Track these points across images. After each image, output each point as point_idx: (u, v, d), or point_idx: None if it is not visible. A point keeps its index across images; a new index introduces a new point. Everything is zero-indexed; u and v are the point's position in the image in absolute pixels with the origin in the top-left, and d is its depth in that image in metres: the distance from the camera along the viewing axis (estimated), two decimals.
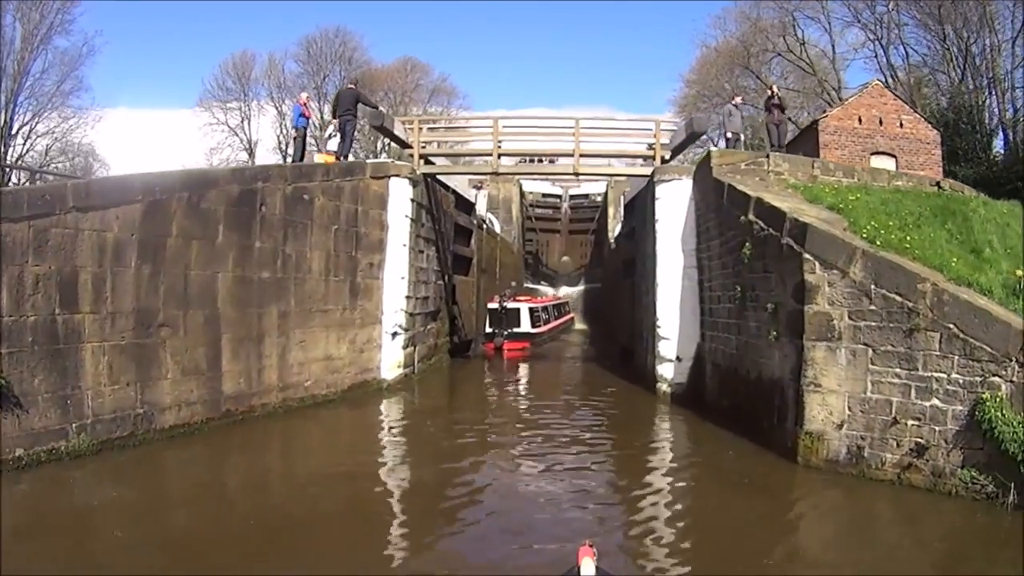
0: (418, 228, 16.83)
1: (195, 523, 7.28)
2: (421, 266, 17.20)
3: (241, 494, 8.60)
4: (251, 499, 8.22)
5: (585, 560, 4.41)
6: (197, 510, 7.71)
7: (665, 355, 14.32)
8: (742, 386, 11.45)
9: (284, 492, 8.60)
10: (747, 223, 10.99)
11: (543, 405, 14.20)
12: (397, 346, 15.75)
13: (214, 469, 9.61)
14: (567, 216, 51.20)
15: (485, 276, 27.85)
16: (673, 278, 14.32)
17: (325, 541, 6.66)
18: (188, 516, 7.52)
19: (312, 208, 13.70)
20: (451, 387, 17.33)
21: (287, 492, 8.55)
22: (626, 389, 15.89)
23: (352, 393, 14.43)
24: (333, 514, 7.61)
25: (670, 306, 14.29)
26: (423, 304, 17.47)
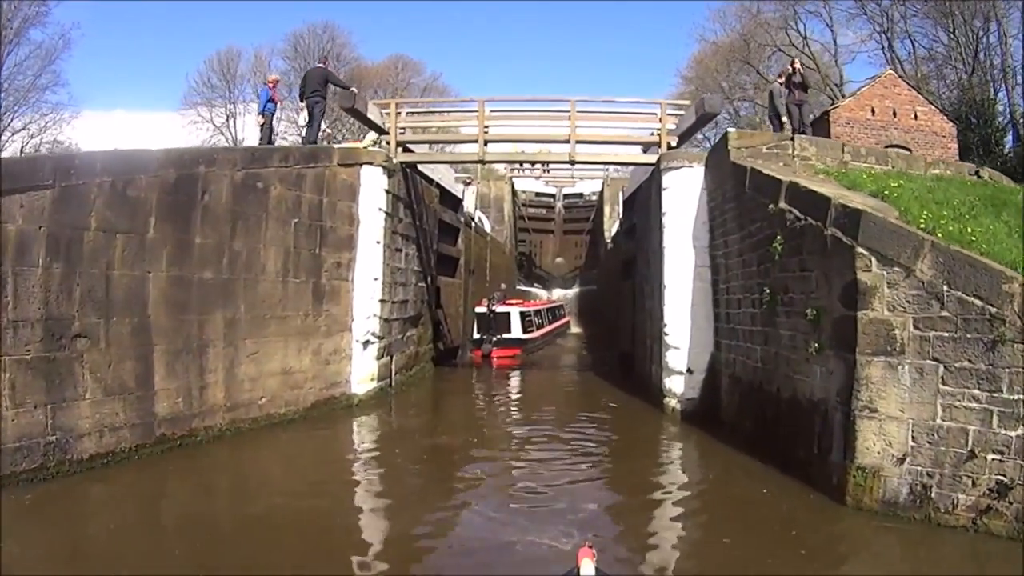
0: (394, 223, 14.97)
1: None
2: (398, 266, 15.34)
3: (169, 539, 6.89)
4: (182, 546, 6.57)
5: (585, 561, 4.35)
6: (112, 563, 6.02)
7: (674, 366, 12.50)
8: (770, 406, 9.63)
9: (222, 538, 6.87)
10: (777, 212, 9.19)
11: (535, 426, 12.34)
12: (370, 356, 13.88)
13: (141, 508, 7.74)
14: (561, 216, 49.63)
15: (474, 278, 25.99)
16: (683, 279, 12.51)
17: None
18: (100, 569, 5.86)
19: (267, 198, 11.83)
20: (433, 402, 15.44)
21: (225, 539, 6.85)
22: (628, 404, 14.04)
23: (316, 411, 12.56)
24: None
25: (679, 311, 12.47)
26: (401, 308, 15.61)
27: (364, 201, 13.84)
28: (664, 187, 12.98)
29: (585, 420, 12.77)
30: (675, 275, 12.54)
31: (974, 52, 35.98)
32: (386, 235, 14.30)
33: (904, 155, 13.63)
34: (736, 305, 11.03)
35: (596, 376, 18.56)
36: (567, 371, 21.16)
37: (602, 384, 17.01)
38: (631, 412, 13.30)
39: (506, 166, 41.73)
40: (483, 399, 15.79)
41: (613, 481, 9.07)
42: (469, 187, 27.17)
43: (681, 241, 12.59)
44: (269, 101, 15.51)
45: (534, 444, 10.93)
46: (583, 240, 47.29)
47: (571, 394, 15.91)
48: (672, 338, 12.45)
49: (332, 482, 8.95)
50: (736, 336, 11.09)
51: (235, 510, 7.92)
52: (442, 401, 15.61)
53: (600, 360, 23.07)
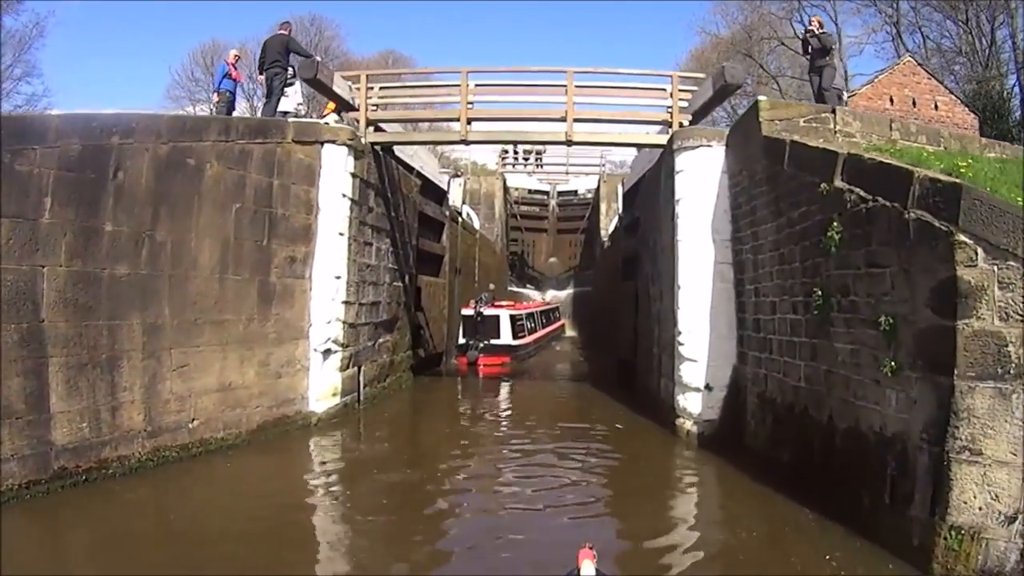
0: (363, 213, 12.97)
1: None
2: (368, 262, 13.34)
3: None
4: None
5: (585, 562, 4.32)
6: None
7: (689, 382, 10.54)
8: (818, 437, 7.68)
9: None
10: (833, 193, 7.25)
11: (524, 455, 10.32)
12: (331, 368, 11.89)
13: (19, 567, 5.78)
14: (555, 214, 47.64)
15: (461, 278, 23.96)
16: (700, 278, 10.57)
17: None
18: None
19: (201, 178, 9.82)
20: (408, 421, 13.40)
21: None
22: (634, 424, 12.06)
23: (265, 434, 10.56)
24: None
25: (697, 316, 10.52)
26: (371, 311, 13.60)
27: (325, 185, 11.85)
28: (677, 170, 11.03)
29: (584, 446, 10.79)
30: (691, 274, 10.60)
31: (989, 45, 34.62)
32: (352, 226, 12.31)
33: (956, 134, 11.79)
34: (769, 310, 9.08)
35: (594, 388, 16.58)
36: (562, 382, 19.13)
37: (601, 398, 15.04)
38: (638, 436, 11.32)
39: (498, 161, 39.83)
40: (466, 417, 13.78)
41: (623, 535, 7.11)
42: (456, 180, 25.13)
43: (698, 234, 10.65)
44: (226, 78, 13.51)
45: (522, 481, 8.94)
46: (578, 240, 45.40)
47: (567, 411, 13.93)
48: (688, 348, 10.49)
49: (274, 527, 7.00)
50: (768, 347, 9.14)
51: (146, 567, 5.96)
52: (418, 420, 13.58)
53: (597, 369, 21.08)
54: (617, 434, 11.42)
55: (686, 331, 10.49)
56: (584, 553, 4.44)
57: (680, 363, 10.63)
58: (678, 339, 10.65)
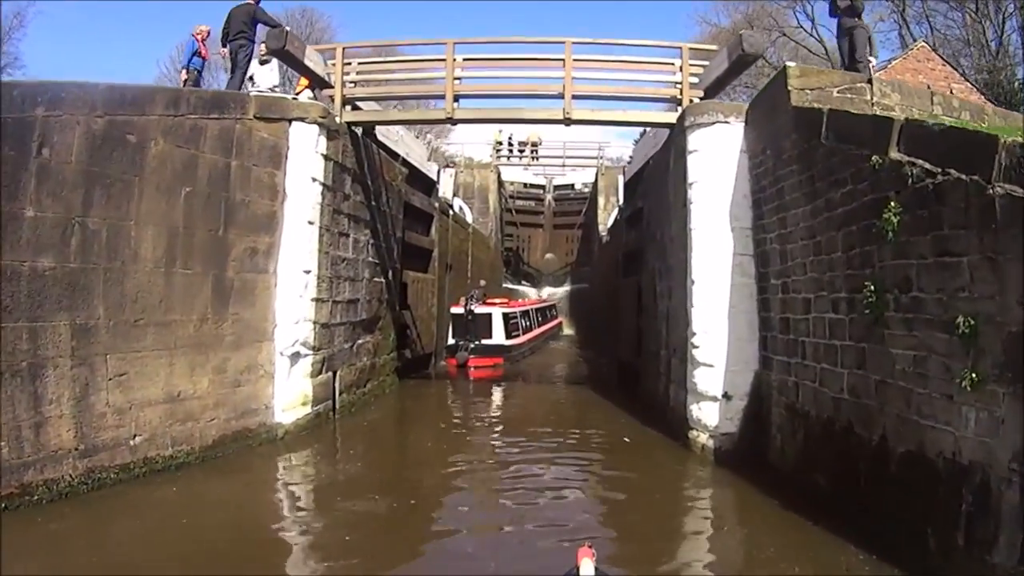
0: (337, 200, 11.74)
1: None
2: (343, 255, 12.10)
3: None
4: None
5: (584, 561, 4.21)
6: None
7: (704, 389, 9.34)
8: (865, 459, 6.48)
9: None
10: (889, 167, 6.03)
11: (517, 477, 9.08)
12: (301, 373, 10.66)
13: None
14: (551, 209, 46.51)
15: (452, 274, 22.73)
16: (716, 272, 9.36)
17: None
18: None
19: (143, 157, 8.57)
20: (389, 432, 12.15)
21: None
22: (640, 437, 10.85)
23: (223, 450, 9.33)
24: None
25: (712, 315, 9.31)
26: (348, 310, 12.37)
27: (293, 168, 10.60)
28: (690, 150, 9.82)
29: (584, 462, 9.61)
30: (707, 268, 9.38)
31: (999, 35, 33.65)
32: (324, 214, 11.08)
33: (1000, 111, 10.62)
34: (801, 308, 7.87)
35: (594, 393, 15.37)
36: (559, 386, 17.87)
37: (602, 405, 13.83)
38: (646, 450, 10.11)
39: (492, 154, 38.60)
40: (452, 428, 12.54)
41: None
42: (447, 171, 23.88)
43: (714, 222, 9.43)
44: (195, 55, 12.26)
45: (513, 508, 7.73)
46: (575, 235, 44.29)
47: (565, 420, 12.69)
48: (703, 352, 9.28)
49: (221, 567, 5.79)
50: (799, 351, 7.93)
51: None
52: (401, 431, 12.35)
53: (597, 371, 19.88)
54: (622, 449, 10.21)
55: (701, 332, 9.28)
56: (583, 551, 4.33)
57: (694, 368, 9.42)
58: (691, 341, 9.43)
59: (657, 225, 12.77)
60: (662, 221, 12.16)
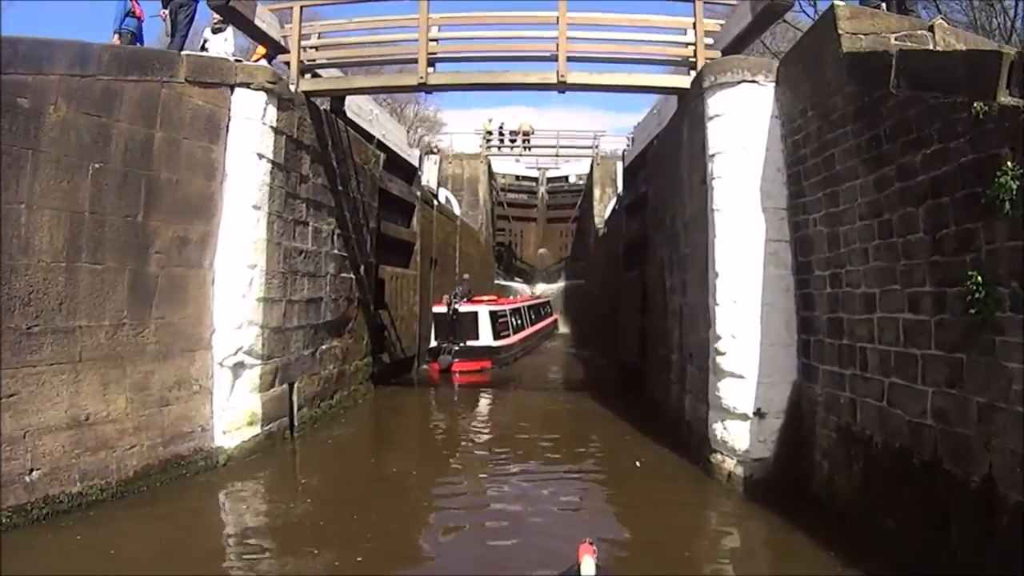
0: (293, 183, 10.10)
1: None
2: (301, 247, 10.46)
3: None
4: None
5: (585, 558, 4.14)
6: None
7: (731, 404, 7.73)
8: (960, 505, 4.89)
9: None
10: (998, 115, 4.44)
11: (502, 518, 7.45)
12: (246, 387, 9.03)
13: None
14: (544, 202, 45.01)
15: (438, 270, 21.08)
16: (745, 262, 7.74)
17: None
18: None
19: (39, 126, 6.94)
20: (355, 454, 10.36)
21: None
22: (651, 458, 9.20)
23: (147, 483, 7.69)
24: None
25: (741, 314, 7.69)
26: (307, 311, 10.73)
27: (236, 143, 8.96)
28: (711, 116, 8.20)
29: (586, 495, 8.03)
30: (734, 257, 7.76)
31: (1012, 20, 32.19)
32: (274, 198, 9.44)
33: None
34: (860, 306, 6.27)
35: (594, 401, 13.75)
36: (554, 393, 16.10)
37: (604, 416, 12.19)
38: (659, 477, 8.47)
39: (481, 144, 36.90)
40: (430, 445, 10.94)
41: None
42: (431, 157, 22.27)
43: (742, 202, 7.81)
44: (129, 15, 10.53)
45: (494, 562, 6.13)
46: (569, 229, 42.77)
47: (563, 437, 11.01)
48: (730, 359, 7.66)
49: None
50: (857, 360, 6.34)
51: None
52: (369, 450, 10.65)
53: (596, 374, 18.26)
54: (632, 476, 8.56)
55: (727, 336, 7.66)
56: (584, 548, 4.23)
57: (719, 379, 7.81)
58: (715, 347, 7.81)
59: (666, 209, 11.15)
60: (673, 204, 10.54)
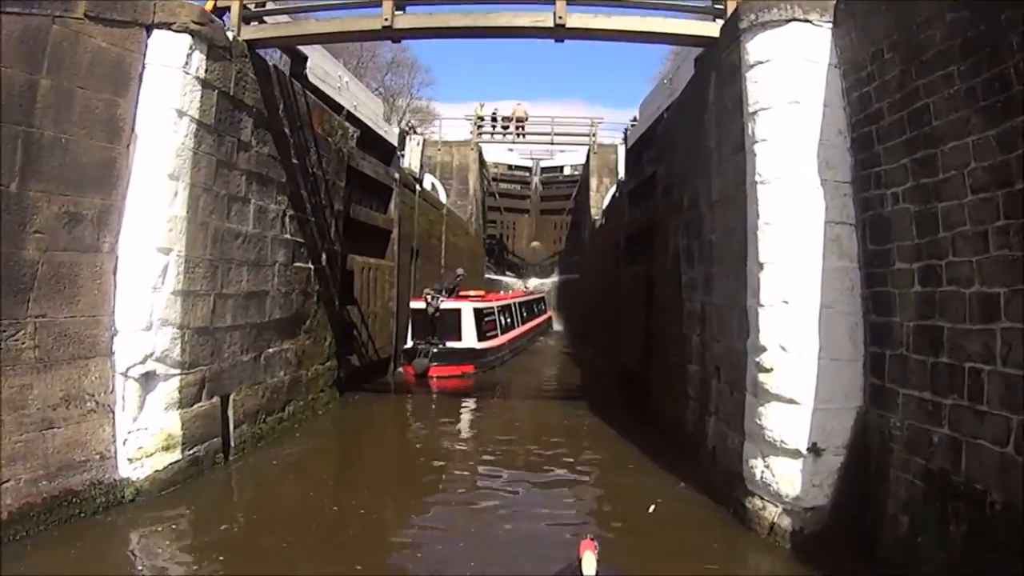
0: (228, 150, 8.32)
1: None
2: (238, 229, 8.69)
3: None
4: None
5: (587, 554, 4.10)
6: None
7: (778, 436, 6.02)
8: None
9: None
10: None
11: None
12: (160, 403, 7.29)
13: None
14: (538, 193, 43.52)
15: (421, 262, 19.33)
16: (798, 251, 6.00)
17: None
18: None
19: None
20: (300, 483, 8.52)
21: None
22: (666, 496, 7.44)
23: (25, 526, 5.97)
24: None
25: (793, 319, 5.96)
26: (247, 307, 8.96)
27: (150, 96, 7.19)
28: (751, 63, 6.48)
29: None
30: (783, 244, 6.05)
31: None
32: (201, 167, 7.68)
33: None
34: (977, 311, 4.57)
35: (591, 413, 12.05)
36: (547, 402, 14.26)
37: (605, 435, 10.49)
38: (677, 526, 6.72)
39: (472, 130, 34.99)
40: (394, 473, 9.17)
41: None
42: (414, 138, 20.51)
43: (794, 172, 6.09)
44: None
45: None
46: (563, 221, 41.28)
47: (554, 463, 9.30)
48: (777, 377, 5.96)
49: None
50: (962, 385, 4.66)
51: None
52: (319, 478, 8.79)
53: (593, 378, 16.53)
54: (644, 525, 6.83)
55: (774, 346, 5.96)
56: (585, 544, 4.16)
57: (761, 403, 6.11)
58: (757, 360, 6.10)
59: (683, 189, 9.43)
60: (693, 183, 8.82)
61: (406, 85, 45.62)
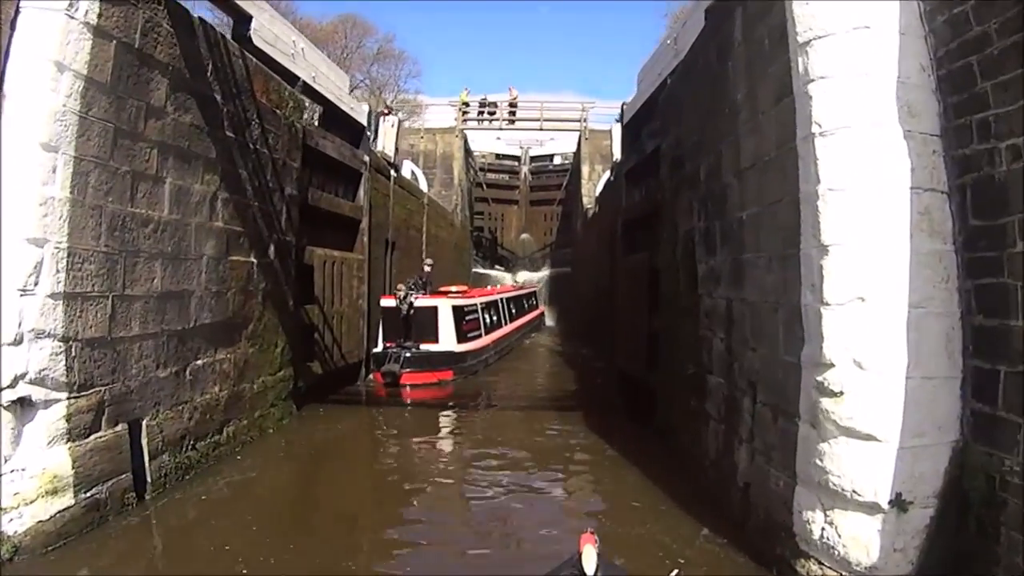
0: (129, 115, 6.69)
1: None
2: (147, 214, 7.07)
3: None
4: None
5: (587, 548, 4.02)
6: None
7: (847, 482, 4.49)
8: None
9: None
10: None
11: None
12: (42, 436, 5.74)
13: None
14: (527, 183, 42.28)
15: (397, 255, 17.78)
16: (875, 229, 4.47)
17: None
18: None
19: None
20: (238, 527, 6.99)
21: None
22: (693, 552, 5.91)
23: None
24: None
25: (872, 322, 4.42)
26: (162, 311, 7.35)
27: (22, 47, 5.65)
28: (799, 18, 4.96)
29: None
30: (855, 219, 4.50)
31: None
32: (90, 136, 6.09)
33: None
34: None
35: (589, 430, 10.48)
36: (537, 416, 12.13)
37: (606, 462, 8.92)
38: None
39: (457, 116, 33.33)
40: (347, 515, 7.56)
41: None
42: (387, 119, 18.90)
43: (865, 119, 4.55)
44: None
45: None
46: (554, 212, 40.02)
47: (544, 501, 7.80)
48: (850, 403, 4.40)
49: None
50: None
51: None
52: (248, 525, 7.13)
53: (589, 385, 14.98)
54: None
55: (845, 360, 4.41)
56: (586, 538, 4.08)
57: (824, 437, 4.58)
58: (820, 380, 4.55)
59: (699, 158, 7.85)
60: (712, 148, 7.25)
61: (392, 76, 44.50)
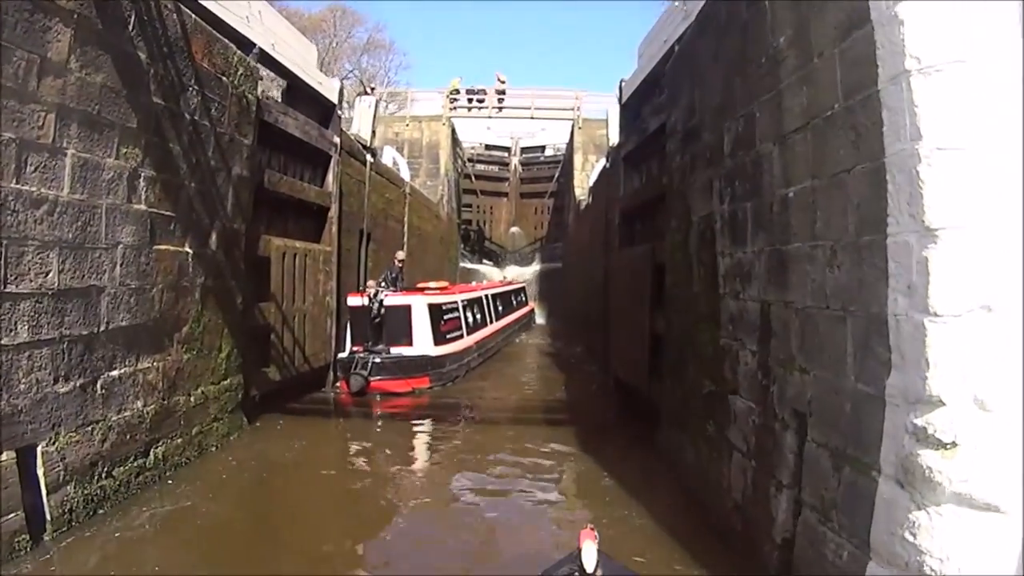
0: (17, 70, 5.34)
1: None
2: (39, 193, 5.64)
3: None
4: None
5: (586, 543, 4.05)
6: None
7: (951, 571, 3.20)
8: None
9: None
10: None
11: None
12: None
13: None
14: (518, 175, 41.34)
15: (374, 247, 16.45)
16: (1000, 208, 3.19)
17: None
18: None
19: None
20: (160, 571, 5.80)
21: None
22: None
23: None
24: None
25: (999, 343, 3.14)
26: (59, 313, 5.96)
27: None
28: None
29: None
30: (978, 194, 3.18)
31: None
32: None
33: None
34: None
35: (583, 451, 9.16)
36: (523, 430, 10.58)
37: (602, 488, 7.64)
38: None
39: (444, 104, 31.88)
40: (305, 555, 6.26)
41: None
42: (364, 99, 17.54)
43: (988, 51, 3.24)
44: None
45: None
46: (545, 205, 39.11)
47: (530, 536, 6.59)
48: (966, 462, 3.11)
49: None
50: None
51: None
52: (188, 572, 5.94)
53: (582, 392, 13.68)
54: None
55: (962, 400, 3.03)
56: (585, 534, 4.14)
57: (921, 504, 3.24)
58: (919, 425, 3.17)
59: (722, 126, 6.48)
60: (742, 111, 5.90)
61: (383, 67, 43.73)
